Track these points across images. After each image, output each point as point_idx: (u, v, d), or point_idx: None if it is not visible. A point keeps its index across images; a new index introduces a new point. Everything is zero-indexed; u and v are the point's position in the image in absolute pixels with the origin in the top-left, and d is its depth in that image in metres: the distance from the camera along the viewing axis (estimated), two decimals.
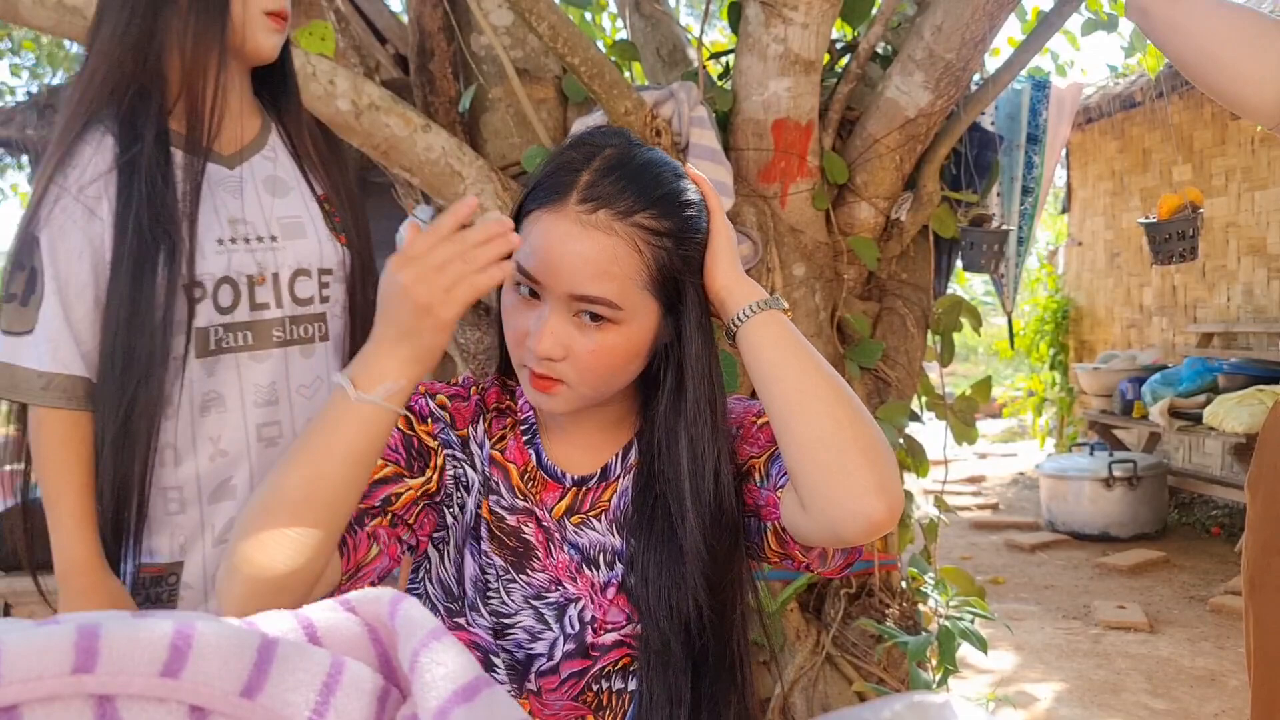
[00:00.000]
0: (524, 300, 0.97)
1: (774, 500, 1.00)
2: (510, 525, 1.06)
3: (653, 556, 1.02)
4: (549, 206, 0.95)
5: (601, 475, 1.08)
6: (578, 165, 0.97)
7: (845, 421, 0.92)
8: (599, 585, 1.05)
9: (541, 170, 1.00)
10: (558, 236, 0.94)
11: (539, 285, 0.95)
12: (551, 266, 0.94)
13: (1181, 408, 5.37)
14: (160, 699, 0.40)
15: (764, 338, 0.96)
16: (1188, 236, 2.32)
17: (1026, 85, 2.61)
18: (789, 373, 0.94)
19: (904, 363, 2.32)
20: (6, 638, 0.37)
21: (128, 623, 0.40)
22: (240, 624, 0.44)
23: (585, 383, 0.98)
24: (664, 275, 0.97)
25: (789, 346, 0.96)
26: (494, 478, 1.07)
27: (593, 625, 1.04)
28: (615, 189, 0.95)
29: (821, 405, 0.92)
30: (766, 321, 0.97)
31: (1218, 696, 3.36)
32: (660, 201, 0.96)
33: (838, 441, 0.91)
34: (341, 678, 0.43)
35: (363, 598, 0.49)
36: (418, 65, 2.32)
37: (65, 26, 1.82)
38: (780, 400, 0.94)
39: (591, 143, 1.00)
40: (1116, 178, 7.34)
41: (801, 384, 0.94)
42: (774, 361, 0.95)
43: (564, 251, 0.93)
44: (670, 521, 1.01)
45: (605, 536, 1.06)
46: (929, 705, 0.35)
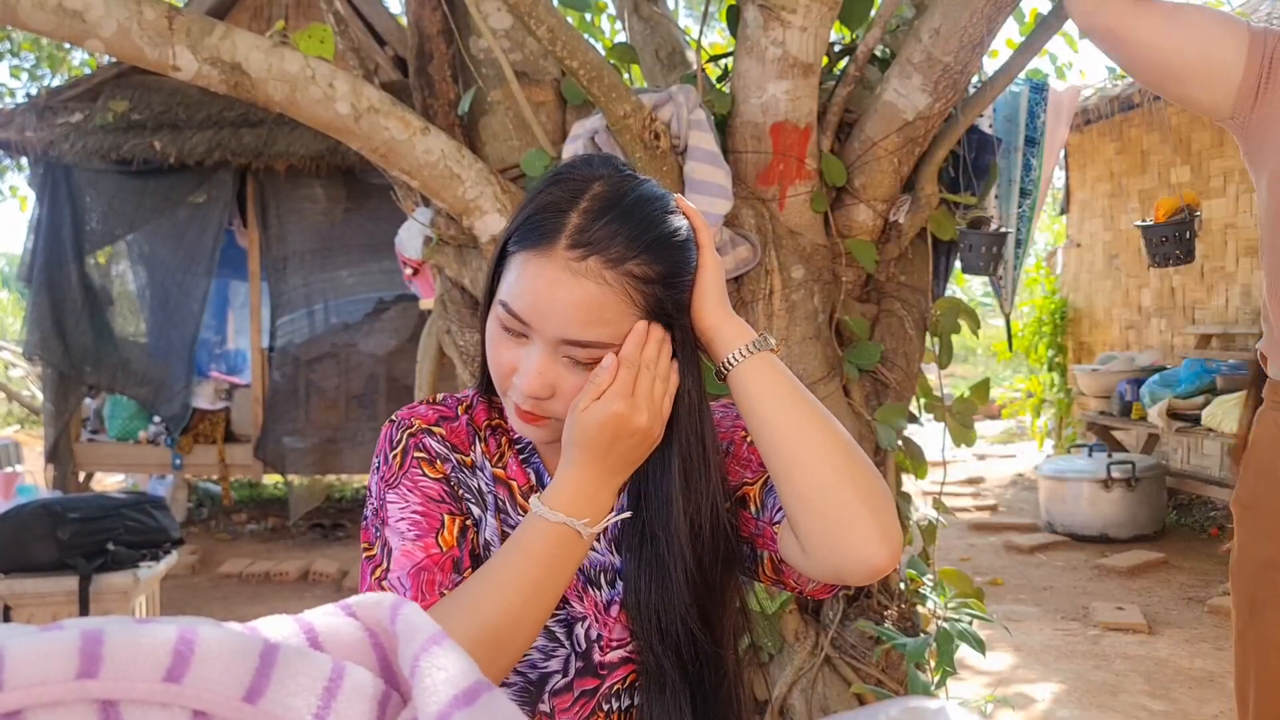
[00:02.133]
0: (510, 336, 0.96)
1: (770, 534, 1.00)
2: None
3: (643, 582, 1.01)
4: (537, 249, 0.92)
5: None
6: (564, 205, 0.93)
7: (844, 470, 0.91)
8: (602, 604, 1.05)
9: (527, 206, 0.97)
10: (546, 282, 0.91)
11: (528, 327, 0.93)
12: (540, 312, 0.92)
13: (1180, 409, 5.38)
14: (163, 704, 0.40)
15: (758, 385, 0.95)
16: (1184, 239, 2.33)
17: (1025, 88, 2.61)
18: (786, 421, 0.93)
19: (902, 365, 2.32)
20: (10, 643, 0.38)
21: (130, 628, 0.40)
22: (242, 629, 0.44)
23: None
24: (653, 317, 0.95)
25: (784, 393, 0.94)
26: (500, 496, 1.07)
27: (599, 643, 1.04)
28: (606, 234, 0.91)
29: (820, 454, 0.92)
30: (759, 366, 0.95)
31: (1216, 698, 3.37)
32: (652, 246, 0.93)
33: (838, 492, 0.91)
34: (343, 682, 0.43)
35: (363, 602, 0.50)
36: (417, 68, 2.32)
37: (65, 30, 1.83)
38: (777, 450, 0.93)
39: (578, 176, 0.96)
40: (1115, 179, 7.35)
41: (799, 433, 0.93)
42: (770, 410, 0.94)
43: (553, 298, 0.91)
44: (659, 549, 1.00)
45: (605, 556, 1.06)
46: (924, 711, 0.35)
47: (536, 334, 0.93)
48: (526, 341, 0.95)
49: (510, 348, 0.96)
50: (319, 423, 5.98)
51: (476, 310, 2.37)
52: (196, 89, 5.50)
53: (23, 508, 3.17)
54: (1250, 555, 1.70)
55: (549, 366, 0.94)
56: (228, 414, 6.19)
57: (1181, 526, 6.00)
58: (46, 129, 5.72)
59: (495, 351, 0.98)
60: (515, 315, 0.93)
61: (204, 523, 6.63)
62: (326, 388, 6.00)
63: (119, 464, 6.39)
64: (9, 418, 11.05)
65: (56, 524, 3.06)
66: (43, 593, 3.04)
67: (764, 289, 2.17)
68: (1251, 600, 1.69)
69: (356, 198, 5.83)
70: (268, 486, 7.61)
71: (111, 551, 3.12)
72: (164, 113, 5.70)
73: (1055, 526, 5.85)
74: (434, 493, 1.01)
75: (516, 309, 0.93)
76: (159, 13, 1.87)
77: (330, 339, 5.96)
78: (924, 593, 2.32)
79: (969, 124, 2.31)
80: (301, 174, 5.70)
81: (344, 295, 5.95)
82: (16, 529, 3.08)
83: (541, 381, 0.94)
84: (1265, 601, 1.67)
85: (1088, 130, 7.35)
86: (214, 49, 1.90)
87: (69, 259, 5.83)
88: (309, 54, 2.00)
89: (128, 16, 1.84)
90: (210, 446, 6.05)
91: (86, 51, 8.18)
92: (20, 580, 3.06)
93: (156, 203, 5.79)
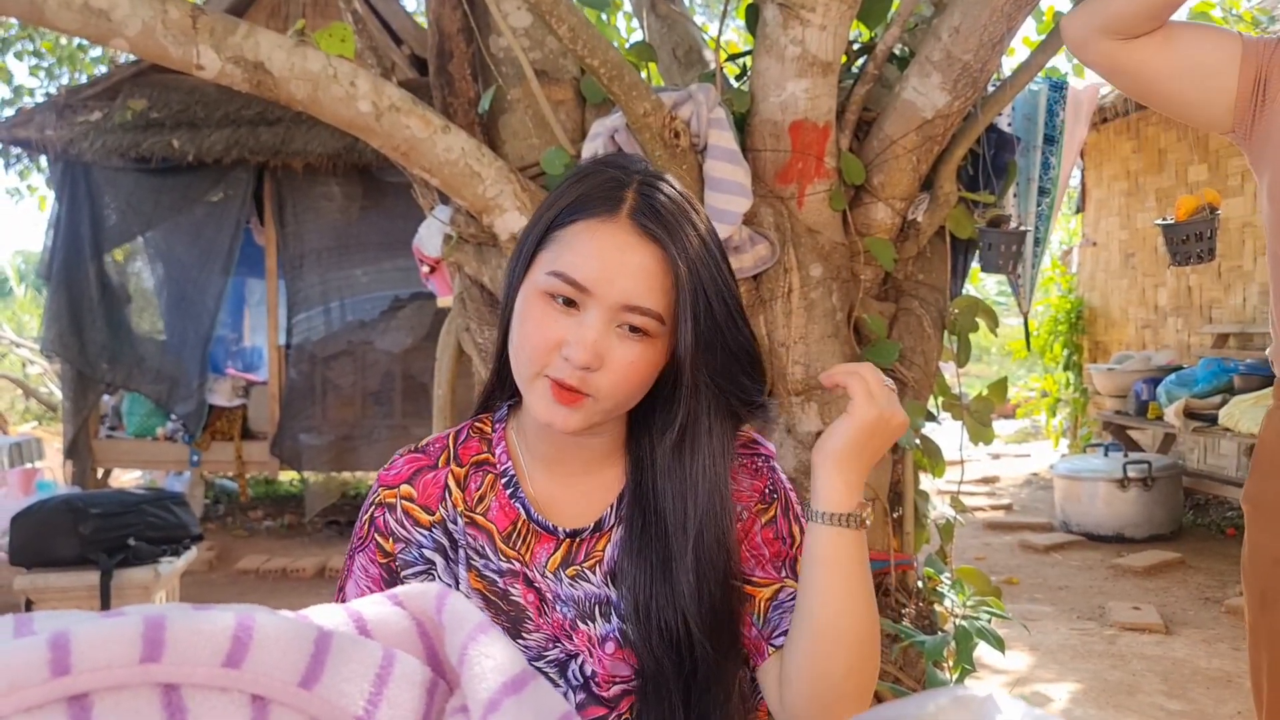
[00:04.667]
0: (558, 309, 0.95)
1: (763, 649, 1.01)
2: (499, 589, 1.04)
3: (645, 579, 1.00)
4: (601, 218, 0.95)
5: (595, 527, 1.05)
6: (620, 182, 0.97)
7: (863, 663, 0.95)
8: (596, 639, 1.02)
9: (569, 191, 0.99)
10: (614, 246, 0.93)
11: (587, 294, 0.93)
12: (607, 276, 0.93)
13: (1197, 409, 5.35)
14: (223, 688, 0.41)
15: (838, 559, 0.94)
16: (1205, 238, 2.32)
17: (1043, 86, 2.61)
18: (844, 606, 0.94)
19: (920, 363, 2.32)
20: (77, 628, 0.39)
21: (191, 615, 0.41)
22: (296, 617, 0.45)
23: (612, 396, 0.96)
24: (691, 303, 0.97)
25: (856, 580, 0.95)
26: (477, 543, 1.05)
27: (595, 679, 1.02)
28: (667, 207, 0.96)
29: (853, 644, 0.94)
30: (849, 543, 0.95)
31: (1234, 698, 3.35)
32: (704, 229, 0.99)
33: (850, 681, 0.94)
34: (393, 669, 0.44)
35: (410, 592, 0.51)
36: (437, 67, 2.33)
37: (91, 29, 1.85)
38: (820, 625, 0.94)
39: (616, 165, 1.01)
40: (1131, 178, 7.32)
41: (849, 621, 0.94)
42: (838, 591, 0.94)
43: (622, 261, 0.93)
44: (667, 550, 1.00)
45: (601, 589, 1.03)
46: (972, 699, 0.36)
47: (596, 301, 0.93)
48: (577, 312, 0.94)
49: (557, 319, 0.94)
50: (335, 420, 6.01)
51: (495, 308, 2.38)
52: (214, 87, 5.53)
53: (45, 503, 3.21)
54: (1260, 552, 1.71)
55: (603, 336, 0.93)
56: (244, 411, 6.23)
57: (1198, 526, 5.98)
58: (66, 127, 5.76)
59: (539, 326, 0.95)
60: (575, 282, 0.93)
61: (220, 519, 6.68)
62: (343, 385, 6.02)
63: (137, 460, 6.43)
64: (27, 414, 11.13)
65: (78, 520, 3.09)
66: (64, 587, 3.07)
67: (783, 287, 2.17)
68: (1263, 595, 1.70)
69: (373, 196, 5.86)
70: (284, 483, 7.65)
71: (133, 547, 3.15)
72: (182, 111, 5.74)
73: (1071, 526, 5.83)
74: (374, 578, 1.06)
75: (578, 276, 0.93)
76: (183, 12, 1.88)
77: (346, 336, 5.98)
78: (941, 591, 2.32)
79: (988, 122, 2.31)
80: (318, 172, 5.73)
81: (360, 293, 5.97)
82: (39, 524, 3.11)
83: (595, 351, 0.93)
84: (1276, 596, 1.67)
85: (1104, 128, 7.32)
86: (237, 48, 1.92)
87: (87, 257, 5.88)
88: (330, 53, 2.02)
89: (152, 16, 1.86)
90: (227, 443, 6.08)
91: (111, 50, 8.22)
92: (43, 575, 3.10)
93: (174, 201, 5.83)
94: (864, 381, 0.94)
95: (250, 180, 5.80)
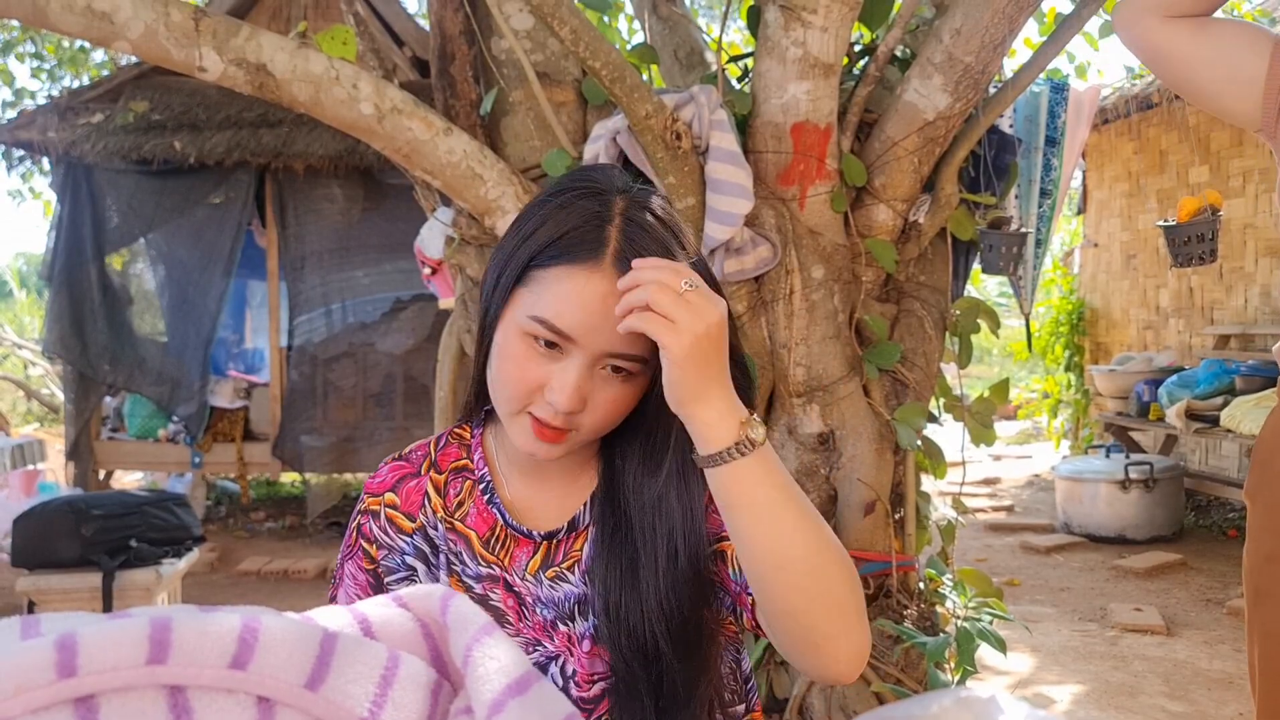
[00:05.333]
0: (540, 351, 0.93)
1: (745, 600, 0.97)
2: (477, 594, 1.04)
3: (613, 580, 0.99)
4: (582, 265, 0.91)
5: (569, 527, 1.05)
6: (599, 219, 0.93)
7: (823, 588, 0.86)
8: (575, 638, 1.02)
9: (548, 221, 0.94)
10: (597, 295, 0.90)
11: (570, 342, 0.92)
12: (590, 326, 0.91)
13: (1198, 410, 5.35)
14: (229, 690, 0.41)
15: (745, 493, 0.86)
16: (1207, 239, 2.32)
17: (1045, 88, 2.61)
18: (767, 536, 0.86)
19: (922, 364, 2.32)
20: (84, 630, 0.39)
21: (197, 616, 0.41)
22: (301, 619, 0.45)
23: (594, 430, 0.96)
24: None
25: (767, 505, 0.86)
26: (456, 548, 1.06)
27: (574, 679, 1.02)
28: (652, 241, 0.92)
29: (800, 572, 0.85)
30: (747, 472, 0.85)
31: (1235, 699, 3.35)
32: (698, 260, 0.95)
33: (813, 614, 0.86)
34: (398, 671, 0.45)
35: (414, 594, 0.51)
36: (439, 69, 2.34)
37: (94, 31, 1.85)
38: (755, 562, 0.87)
39: (595, 189, 0.95)
40: (1133, 179, 7.32)
41: (782, 548, 0.85)
42: (749, 523, 0.86)
43: (605, 313, 0.90)
44: (635, 553, 0.99)
45: (580, 587, 1.03)
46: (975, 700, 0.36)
47: (579, 349, 0.92)
48: (561, 356, 0.93)
49: (540, 364, 0.93)
50: (336, 421, 6.01)
51: None
52: (216, 89, 5.54)
53: (47, 505, 3.21)
54: (1256, 547, 1.72)
55: (586, 380, 0.93)
56: (246, 413, 6.23)
57: (1200, 528, 5.97)
58: (68, 129, 5.77)
59: (520, 370, 0.94)
60: (558, 330, 0.91)
61: (222, 520, 6.68)
62: (344, 387, 6.03)
63: (139, 462, 6.44)
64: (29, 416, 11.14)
65: (81, 521, 3.10)
66: (67, 589, 3.07)
67: (784, 289, 2.18)
68: (1256, 591, 1.71)
69: (374, 198, 5.86)
70: (285, 485, 7.66)
71: (134, 548, 3.15)
72: (184, 113, 5.75)
73: (1072, 527, 5.83)
74: (362, 585, 1.09)
75: (561, 325, 0.91)
76: (185, 14, 1.89)
77: (348, 338, 5.99)
78: (943, 592, 2.32)
79: (989, 124, 2.32)
80: (320, 174, 5.73)
81: (361, 295, 5.98)
82: (41, 526, 3.11)
83: (579, 396, 0.92)
84: (1266, 593, 1.68)
85: (1105, 130, 7.32)
86: (239, 50, 1.92)
87: (89, 258, 5.89)
88: (332, 55, 2.02)
89: (155, 18, 1.87)
90: (229, 445, 6.09)
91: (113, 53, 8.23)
92: (45, 576, 3.10)
93: (176, 203, 5.84)
94: (655, 320, 0.84)
95: (252, 182, 5.80)
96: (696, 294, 0.84)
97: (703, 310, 0.83)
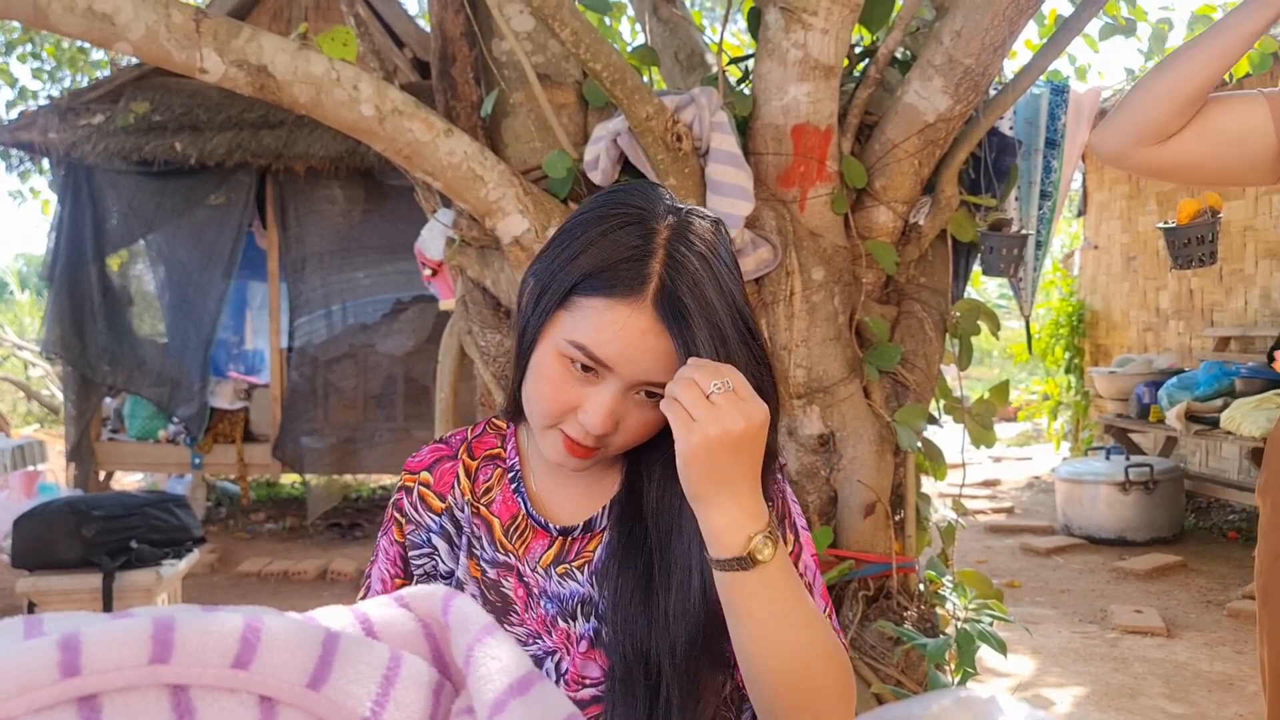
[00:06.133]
0: (576, 374, 0.95)
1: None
2: (491, 579, 1.07)
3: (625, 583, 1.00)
4: (624, 299, 0.91)
5: (585, 527, 1.06)
6: (642, 253, 0.92)
7: (806, 701, 0.90)
8: (575, 638, 1.03)
9: (590, 248, 0.94)
10: (638, 332, 0.91)
11: (607, 369, 0.93)
12: (628, 359, 0.92)
13: (1198, 412, 5.35)
14: (231, 690, 0.41)
15: (747, 601, 0.88)
16: (1207, 241, 2.33)
17: (1045, 90, 2.61)
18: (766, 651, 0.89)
19: (922, 366, 2.32)
20: (87, 630, 0.39)
21: (200, 616, 0.42)
22: (304, 619, 0.46)
23: (623, 448, 0.99)
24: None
25: (774, 622, 0.88)
26: (479, 532, 1.08)
27: (565, 678, 1.02)
28: (692, 286, 0.91)
29: (794, 690, 0.89)
30: (751, 582, 0.87)
31: (1236, 701, 3.35)
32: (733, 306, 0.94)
33: (796, 716, 0.90)
34: (400, 671, 0.45)
35: (416, 594, 0.51)
36: (440, 70, 2.34)
37: (95, 32, 1.85)
38: (752, 671, 0.90)
39: (637, 215, 0.95)
40: (1133, 181, 7.32)
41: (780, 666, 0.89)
42: (755, 635, 0.89)
43: (644, 347, 0.91)
44: (650, 564, 0.99)
45: (585, 588, 1.04)
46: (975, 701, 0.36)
47: (616, 376, 0.93)
48: (597, 380, 0.94)
49: (575, 386, 0.95)
50: (337, 423, 6.01)
51: (498, 311, 2.38)
52: (217, 91, 5.54)
53: (48, 506, 3.21)
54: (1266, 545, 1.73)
55: (619, 405, 0.95)
56: (246, 414, 6.23)
57: (1200, 529, 5.97)
58: (68, 130, 5.77)
59: (556, 390, 0.95)
60: (596, 359, 0.93)
61: (222, 522, 6.68)
62: (344, 388, 6.03)
63: (139, 463, 6.44)
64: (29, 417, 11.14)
65: (81, 522, 3.10)
66: (67, 589, 3.08)
67: (785, 290, 2.18)
68: (1265, 590, 1.72)
69: (375, 199, 5.87)
70: (286, 486, 7.66)
71: (135, 549, 3.15)
72: (185, 114, 5.75)
73: (1072, 529, 5.83)
74: (393, 559, 1.11)
75: (599, 354, 0.92)
76: (186, 15, 1.89)
77: (348, 339, 5.99)
78: (943, 594, 2.32)
79: (989, 126, 2.32)
80: (320, 175, 5.74)
81: (362, 296, 5.98)
82: (42, 526, 3.12)
83: (613, 420, 0.95)
84: (1276, 591, 1.69)
85: None
86: (240, 51, 1.92)
87: (89, 259, 5.89)
88: (333, 56, 2.02)
89: (156, 20, 1.86)
90: (229, 446, 6.09)
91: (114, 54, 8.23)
92: (45, 577, 3.10)
93: (176, 204, 5.84)
94: (678, 407, 0.86)
95: (252, 183, 5.81)
96: (726, 398, 0.85)
97: (725, 416, 0.84)
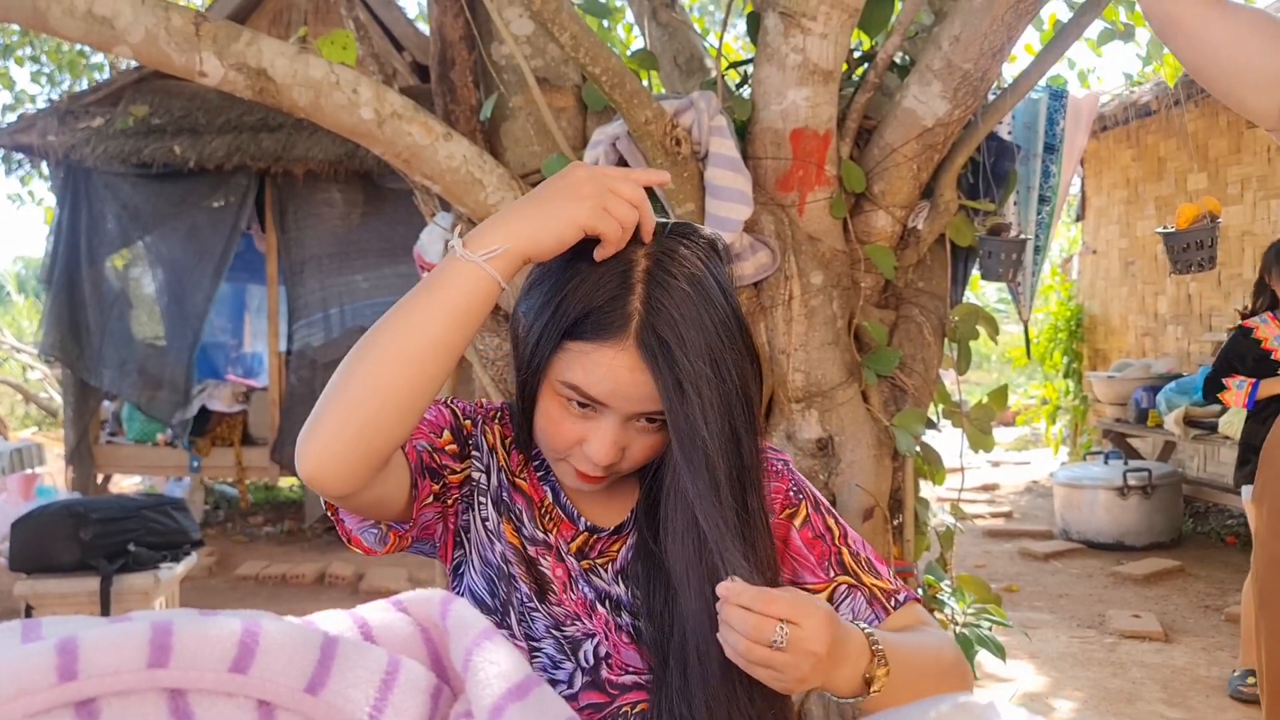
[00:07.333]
0: (575, 412, 0.97)
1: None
2: (530, 555, 1.07)
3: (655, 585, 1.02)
4: (608, 342, 0.93)
5: (616, 530, 1.09)
6: (623, 295, 0.93)
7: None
8: (613, 624, 1.05)
9: (579, 293, 0.94)
10: (624, 370, 0.93)
11: (603, 405, 0.96)
12: (620, 395, 0.94)
13: (1196, 416, 5.36)
14: (229, 694, 0.41)
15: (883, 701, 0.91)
16: (1206, 246, 2.33)
17: (1044, 95, 2.62)
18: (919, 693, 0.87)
19: (921, 370, 2.32)
20: (85, 634, 0.39)
21: (198, 620, 0.41)
22: (302, 623, 0.45)
23: (634, 468, 1.02)
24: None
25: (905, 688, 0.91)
26: (517, 505, 1.08)
27: (608, 661, 1.04)
28: (672, 325, 0.92)
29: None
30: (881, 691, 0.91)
31: (1233, 706, 3.35)
32: (714, 325, 0.94)
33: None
34: (398, 676, 0.45)
35: (414, 598, 0.51)
36: (439, 74, 2.34)
37: (94, 36, 1.85)
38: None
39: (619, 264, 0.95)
40: (1131, 186, 7.33)
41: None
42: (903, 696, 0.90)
43: (633, 383, 0.94)
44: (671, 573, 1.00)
45: (611, 586, 1.06)
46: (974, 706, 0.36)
47: (612, 411, 0.96)
48: (596, 415, 0.97)
49: (576, 421, 0.98)
50: None
51: (496, 314, 2.38)
52: (216, 94, 5.54)
53: (45, 509, 3.21)
54: (1263, 550, 1.73)
55: (621, 435, 0.98)
56: (245, 417, 6.23)
57: (1198, 534, 5.97)
58: (68, 133, 5.77)
59: (558, 427, 0.98)
60: (590, 398, 0.95)
61: (220, 525, 6.67)
62: None
63: (138, 466, 6.43)
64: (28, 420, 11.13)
65: (79, 525, 3.09)
66: (65, 593, 3.07)
67: (783, 294, 2.18)
68: (1263, 594, 1.72)
69: (373, 202, 5.86)
70: (284, 489, 7.65)
71: (133, 552, 3.14)
72: (184, 117, 5.75)
73: (1070, 534, 5.83)
74: (431, 423, 1.08)
75: (593, 393, 0.95)
76: (186, 19, 1.89)
77: (347, 342, 5.98)
78: (942, 598, 2.32)
79: (988, 131, 2.32)
80: (319, 179, 5.73)
81: (360, 299, 5.98)
82: (39, 530, 3.11)
83: (617, 450, 0.98)
84: (1273, 596, 1.69)
85: (1104, 136, 7.33)
86: (240, 55, 1.92)
87: (88, 262, 5.88)
88: (332, 60, 2.02)
89: (155, 23, 1.86)
90: (227, 449, 6.08)
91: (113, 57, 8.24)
92: (43, 580, 3.09)
93: (175, 207, 5.84)
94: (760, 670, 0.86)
95: (251, 186, 5.80)
96: (793, 636, 0.83)
97: (802, 658, 0.84)
